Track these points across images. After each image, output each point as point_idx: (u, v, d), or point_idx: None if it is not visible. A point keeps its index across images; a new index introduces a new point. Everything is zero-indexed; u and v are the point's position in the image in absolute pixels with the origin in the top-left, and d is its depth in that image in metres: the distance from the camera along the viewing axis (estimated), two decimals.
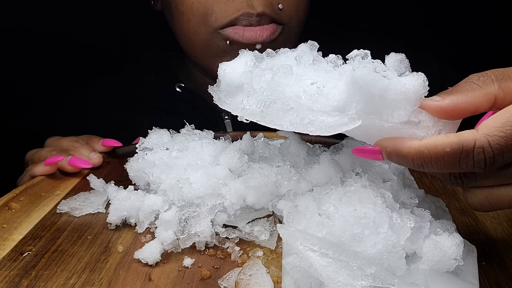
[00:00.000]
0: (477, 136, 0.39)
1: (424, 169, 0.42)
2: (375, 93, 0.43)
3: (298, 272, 0.44)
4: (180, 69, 1.00)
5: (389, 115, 0.44)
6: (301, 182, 0.57)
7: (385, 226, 0.44)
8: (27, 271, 0.48)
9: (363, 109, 0.44)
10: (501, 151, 0.39)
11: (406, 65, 0.45)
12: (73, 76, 1.06)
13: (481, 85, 0.41)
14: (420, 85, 0.43)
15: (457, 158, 0.40)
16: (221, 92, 0.51)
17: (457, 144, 0.39)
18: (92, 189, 0.61)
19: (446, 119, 0.43)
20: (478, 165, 0.40)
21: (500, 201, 0.42)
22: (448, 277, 0.45)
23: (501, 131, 0.38)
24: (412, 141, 0.42)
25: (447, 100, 0.42)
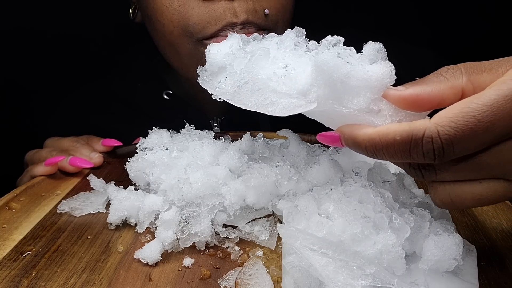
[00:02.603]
0: (428, 125, 0.38)
1: (377, 157, 0.41)
2: (337, 78, 0.42)
3: (298, 271, 0.44)
4: (168, 75, 0.97)
5: (349, 101, 0.43)
6: (301, 182, 0.57)
7: (384, 226, 0.45)
8: (27, 271, 0.48)
9: (325, 93, 0.43)
10: (450, 142, 0.37)
11: (383, 54, 0.44)
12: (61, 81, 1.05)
13: (448, 77, 0.40)
14: (385, 73, 0.42)
15: (407, 147, 0.39)
16: (205, 72, 0.53)
17: (407, 132, 0.38)
18: (92, 189, 0.61)
19: (408, 109, 0.42)
20: (428, 155, 0.38)
21: (463, 199, 0.41)
22: (448, 277, 0.45)
23: (452, 121, 0.37)
24: (367, 128, 0.41)
25: (409, 90, 0.41)
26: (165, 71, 0.97)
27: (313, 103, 0.44)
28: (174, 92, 0.93)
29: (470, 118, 0.37)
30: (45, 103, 1.01)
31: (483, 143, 0.38)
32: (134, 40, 1.00)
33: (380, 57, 0.43)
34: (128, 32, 1.00)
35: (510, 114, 0.37)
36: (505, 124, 0.37)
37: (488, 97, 0.37)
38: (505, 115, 0.37)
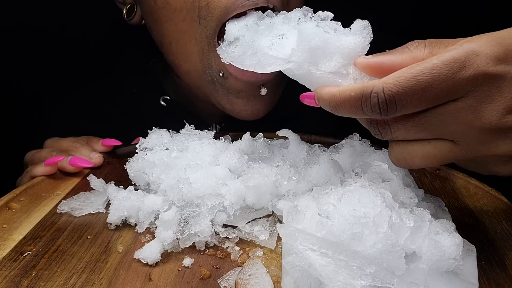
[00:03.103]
0: (376, 83, 0.43)
1: (338, 112, 0.47)
2: (314, 45, 0.49)
3: (298, 271, 0.44)
4: (164, 78, 0.94)
5: (323, 65, 0.49)
6: (301, 182, 0.57)
7: (384, 225, 0.44)
8: (27, 271, 0.48)
9: (305, 57, 0.50)
10: (392, 98, 0.42)
11: (368, 31, 0.49)
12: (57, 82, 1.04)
13: (412, 49, 0.45)
14: (357, 43, 0.48)
15: (359, 102, 0.44)
16: (222, 42, 0.63)
17: (360, 89, 0.44)
18: (92, 189, 0.61)
19: (372, 75, 0.46)
20: (374, 109, 0.43)
21: (413, 157, 0.46)
22: (448, 277, 0.45)
23: (395, 79, 0.42)
24: (332, 87, 0.47)
25: (374, 59, 0.46)
26: (162, 76, 0.94)
27: (289, 63, 0.50)
28: (171, 98, 0.90)
29: (411, 77, 0.42)
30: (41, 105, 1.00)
31: (423, 102, 0.42)
32: (129, 42, 0.99)
33: (366, 33, 0.49)
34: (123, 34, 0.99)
35: (448, 77, 0.41)
36: (442, 86, 0.41)
37: (430, 62, 0.42)
38: (443, 77, 0.41)
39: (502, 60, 0.41)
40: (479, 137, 0.43)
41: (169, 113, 0.89)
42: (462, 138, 0.44)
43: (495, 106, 0.42)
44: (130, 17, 0.82)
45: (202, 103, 0.89)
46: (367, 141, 0.65)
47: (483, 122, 0.42)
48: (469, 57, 0.41)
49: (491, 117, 0.42)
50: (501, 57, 0.41)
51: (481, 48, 0.41)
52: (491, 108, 0.42)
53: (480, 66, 0.41)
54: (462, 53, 0.41)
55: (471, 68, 0.41)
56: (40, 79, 1.07)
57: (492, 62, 0.41)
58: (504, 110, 0.42)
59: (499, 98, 0.42)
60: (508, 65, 0.41)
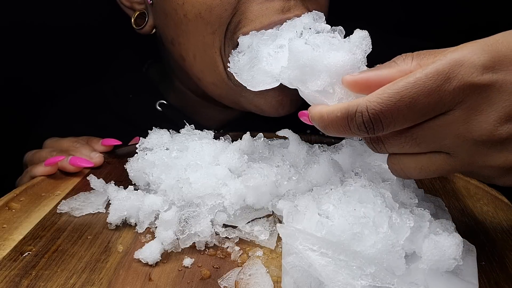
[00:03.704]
0: (360, 101, 0.42)
1: (327, 132, 0.46)
2: (303, 63, 0.48)
3: (298, 271, 0.44)
4: (162, 82, 0.92)
5: (310, 83, 0.48)
6: (301, 182, 0.57)
7: (384, 225, 0.44)
8: (27, 271, 0.48)
9: (296, 75, 0.50)
10: (377, 116, 0.41)
11: (367, 42, 0.48)
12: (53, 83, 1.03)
13: (399, 63, 0.43)
14: (346, 61, 0.47)
15: (346, 122, 0.43)
16: (234, 50, 0.64)
17: (346, 109, 0.43)
18: (92, 189, 0.61)
19: (360, 93, 0.45)
20: (361, 128, 0.43)
21: (410, 169, 0.45)
22: (448, 277, 0.45)
23: (379, 97, 0.41)
24: (321, 106, 0.46)
25: (361, 75, 0.45)
26: (159, 79, 0.93)
27: (276, 83, 0.51)
28: (168, 102, 0.89)
29: (394, 94, 0.40)
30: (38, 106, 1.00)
31: (410, 118, 0.41)
32: (123, 44, 0.97)
33: (365, 44, 0.48)
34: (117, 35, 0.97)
35: (433, 90, 0.39)
36: (428, 100, 0.40)
37: (413, 76, 0.40)
38: (427, 91, 0.39)
39: (488, 68, 0.39)
40: (472, 149, 0.42)
41: (165, 119, 0.87)
42: (457, 150, 0.42)
43: (486, 118, 0.40)
44: (141, 27, 0.79)
45: (204, 107, 0.89)
46: None
47: (475, 135, 0.41)
48: (453, 68, 0.39)
49: (483, 130, 0.40)
50: (487, 65, 0.39)
51: (466, 57, 0.39)
52: (482, 120, 0.40)
53: (465, 77, 0.39)
54: (446, 64, 0.39)
55: (456, 79, 0.39)
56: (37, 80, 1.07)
57: (478, 72, 0.39)
58: (495, 121, 0.40)
59: (489, 109, 0.40)
60: (496, 73, 0.39)
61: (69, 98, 0.98)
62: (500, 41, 0.40)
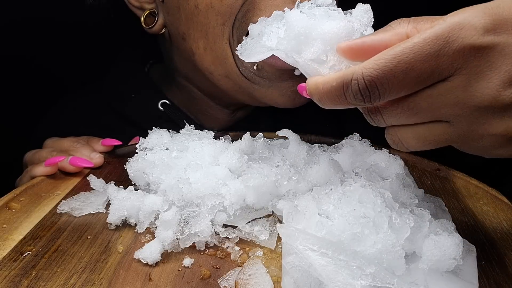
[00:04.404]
0: (356, 68, 0.40)
1: (323, 104, 0.44)
2: (299, 32, 0.47)
3: (298, 271, 0.44)
4: (165, 81, 0.91)
5: (305, 52, 0.47)
6: (301, 182, 0.57)
7: (384, 225, 0.44)
8: (27, 271, 0.48)
9: (292, 46, 0.49)
10: (373, 83, 0.39)
11: (369, 15, 0.47)
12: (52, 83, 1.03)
13: (394, 26, 0.42)
14: (340, 28, 0.45)
15: (341, 91, 0.41)
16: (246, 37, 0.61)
17: (341, 77, 0.41)
18: (92, 189, 0.61)
19: (357, 59, 0.43)
20: (357, 97, 0.41)
21: (408, 139, 0.44)
22: (448, 277, 0.45)
23: (375, 63, 0.39)
24: (316, 77, 0.44)
25: (356, 41, 0.43)
26: (161, 79, 0.92)
27: (270, 52, 0.51)
28: (171, 102, 0.88)
29: (391, 59, 0.38)
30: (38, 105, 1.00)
31: (407, 85, 0.39)
32: (125, 43, 0.97)
33: (366, 17, 0.47)
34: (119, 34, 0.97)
35: (431, 55, 0.38)
36: (425, 66, 0.38)
37: (411, 41, 0.38)
38: (425, 56, 0.38)
39: (490, 30, 0.37)
40: (473, 117, 0.40)
41: (167, 119, 0.87)
42: (456, 119, 0.41)
43: (488, 83, 0.38)
44: (151, 26, 0.78)
45: (210, 107, 0.88)
46: (367, 141, 0.65)
47: (476, 101, 0.39)
48: (452, 32, 0.37)
49: (484, 95, 0.38)
50: (488, 27, 0.37)
51: (466, 20, 0.37)
52: (483, 85, 0.38)
53: (465, 39, 0.37)
54: (445, 28, 0.38)
55: (456, 42, 0.37)
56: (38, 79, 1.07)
57: (479, 34, 0.37)
58: (498, 86, 0.38)
59: (491, 73, 0.38)
60: (498, 35, 0.38)
61: (70, 98, 0.98)
62: (502, 5, 0.38)
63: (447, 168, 0.71)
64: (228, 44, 0.70)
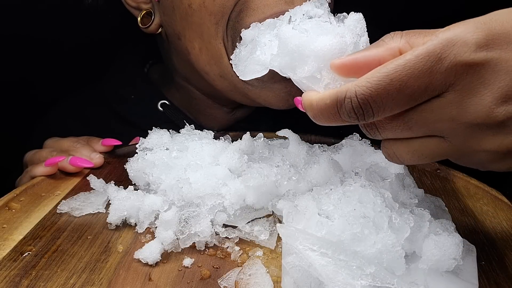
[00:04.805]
0: (349, 87, 0.40)
1: (318, 121, 0.45)
2: (291, 49, 0.47)
3: (298, 271, 0.44)
4: (164, 82, 0.91)
5: (298, 69, 0.47)
6: (301, 182, 0.57)
7: (384, 225, 0.45)
8: (27, 271, 0.48)
9: (286, 62, 0.48)
10: (366, 101, 0.39)
11: (362, 25, 0.47)
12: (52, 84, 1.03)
13: (387, 41, 0.42)
14: (333, 44, 0.45)
15: (335, 109, 0.42)
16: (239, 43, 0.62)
17: (334, 95, 0.41)
18: (92, 189, 0.61)
19: (350, 76, 0.43)
20: (351, 115, 0.41)
21: (402, 153, 0.44)
22: (448, 277, 0.45)
23: (367, 81, 0.39)
24: (311, 93, 0.45)
25: (348, 57, 0.42)
26: (161, 80, 0.92)
27: (264, 70, 0.51)
28: (170, 103, 0.88)
29: (383, 77, 0.38)
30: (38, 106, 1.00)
31: (401, 102, 0.39)
32: (124, 43, 0.97)
33: (359, 27, 0.46)
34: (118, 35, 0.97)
35: (424, 72, 0.38)
36: (418, 83, 0.38)
37: (403, 58, 0.38)
38: (418, 73, 0.38)
39: (482, 46, 0.37)
40: (467, 133, 0.40)
41: (167, 120, 0.87)
42: (450, 134, 0.41)
43: (480, 100, 0.38)
44: (147, 25, 0.79)
45: (209, 108, 0.88)
46: (367, 141, 0.65)
47: (470, 118, 0.39)
48: (444, 48, 0.37)
49: (478, 112, 0.38)
50: (481, 43, 0.37)
51: (458, 36, 0.37)
52: (476, 102, 0.38)
53: (457, 56, 0.37)
54: (437, 44, 0.37)
55: (448, 59, 0.37)
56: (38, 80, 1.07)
57: (471, 50, 0.37)
58: (490, 103, 0.38)
59: (484, 90, 0.38)
60: (490, 52, 0.37)
61: (70, 98, 0.98)
62: (494, 19, 0.38)
63: (447, 168, 0.71)
64: (223, 43, 0.70)
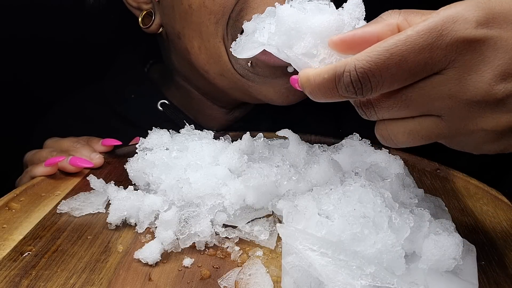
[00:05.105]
0: (348, 60, 0.40)
1: (314, 97, 0.44)
2: (289, 26, 0.47)
3: (298, 271, 0.44)
4: (164, 82, 0.91)
5: (295, 46, 0.47)
6: (301, 182, 0.57)
7: (384, 225, 0.45)
8: (27, 271, 0.48)
9: (283, 41, 0.48)
10: (365, 75, 0.39)
11: (361, 9, 0.47)
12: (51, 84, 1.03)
13: (385, 17, 0.42)
14: (331, 21, 0.45)
15: (333, 84, 0.41)
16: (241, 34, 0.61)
17: (333, 69, 0.41)
18: (92, 189, 0.61)
19: (348, 52, 0.43)
20: (349, 89, 0.41)
21: (396, 133, 0.43)
22: (448, 277, 0.45)
23: (368, 55, 0.39)
24: (308, 70, 0.44)
25: (347, 33, 0.42)
26: (161, 80, 0.92)
27: (261, 47, 0.51)
28: (170, 102, 0.88)
29: (384, 51, 0.38)
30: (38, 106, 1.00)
31: (400, 78, 0.39)
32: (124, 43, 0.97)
33: (358, 11, 0.46)
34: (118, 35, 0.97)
35: (424, 48, 0.38)
36: (418, 59, 0.38)
37: (404, 33, 0.38)
38: (418, 49, 0.38)
39: (483, 24, 0.38)
40: (465, 111, 0.40)
41: (167, 119, 0.87)
42: (447, 113, 0.40)
43: (481, 77, 0.38)
44: (148, 25, 0.79)
45: (208, 108, 0.88)
46: (367, 141, 0.65)
47: (469, 95, 0.39)
48: (446, 24, 0.38)
49: (477, 89, 0.38)
50: (481, 20, 0.38)
51: (459, 13, 0.38)
52: (476, 79, 0.38)
53: (458, 32, 0.37)
54: (438, 21, 0.38)
55: (449, 35, 0.37)
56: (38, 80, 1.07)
57: (472, 27, 0.37)
58: (490, 80, 0.38)
59: (484, 67, 0.38)
60: (491, 29, 0.38)
61: (70, 98, 0.98)
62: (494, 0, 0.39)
63: (447, 168, 0.71)
64: (222, 42, 0.71)
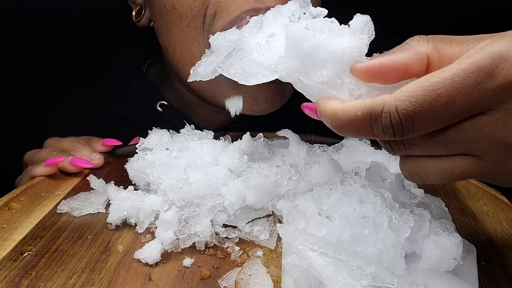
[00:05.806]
0: (387, 100, 0.37)
1: (342, 133, 0.41)
2: (304, 50, 0.42)
3: (298, 271, 0.44)
4: (162, 82, 0.91)
5: (314, 74, 0.43)
6: (301, 182, 0.57)
7: (384, 225, 0.45)
8: (27, 271, 0.48)
9: (294, 65, 0.44)
10: (409, 118, 0.36)
11: (369, 28, 0.42)
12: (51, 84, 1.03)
13: (413, 45, 0.39)
14: (353, 47, 0.41)
15: (368, 123, 0.38)
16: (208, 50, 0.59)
17: (368, 108, 0.38)
18: (92, 189, 0.61)
19: (373, 81, 0.40)
20: (387, 131, 0.38)
21: (428, 173, 0.41)
22: (448, 277, 0.45)
23: (411, 95, 0.36)
24: (333, 101, 0.41)
25: (372, 61, 0.39)
26: (159, 79, 0.92)
27: (275, 74, 0.45)
28: (168, 103, 0.88)
29: (430, 92, 0.35)
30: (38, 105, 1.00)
31: (445, 119, 0.37)
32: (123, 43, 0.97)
33: (367, 30, 0.42)
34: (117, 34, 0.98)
35: (473, 88, 0.35)
36: (467, 100, 0.36)
37: (449, 71, 0.36)
38: (467, 89, 0.35)
39: None
40: (507, 153, 0.38)
41: (165, 120, 0.86)
42: (488, 154, 0.38)
43: None
44: (138, 19, 0.81)
45: (201, 108, 0.88)
46: (367, 141, 0.65)
47: None
48: (495, 63, 0.35)
49: None
50: None
51: (509, 51, 0.35)
52: None
53: (510, 74, 0.35)
54: (486, 59, 0.35)
55: (500, 76, 0.35)
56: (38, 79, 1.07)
57: None
58: None
59: None
60: None
61: (69, 98, 0.98)
62: None
63: None
64: (196, 46, 0.70)
